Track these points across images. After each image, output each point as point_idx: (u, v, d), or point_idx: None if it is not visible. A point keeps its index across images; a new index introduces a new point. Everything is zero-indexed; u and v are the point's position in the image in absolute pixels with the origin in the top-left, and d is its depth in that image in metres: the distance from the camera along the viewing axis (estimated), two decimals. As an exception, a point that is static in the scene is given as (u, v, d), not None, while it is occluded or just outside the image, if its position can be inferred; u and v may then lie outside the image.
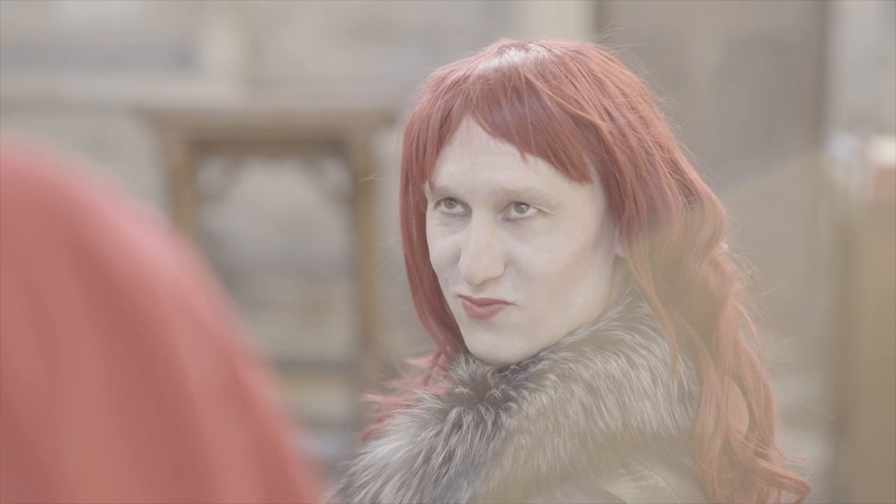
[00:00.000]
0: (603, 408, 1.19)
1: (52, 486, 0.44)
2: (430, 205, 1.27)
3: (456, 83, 1.25)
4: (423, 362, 1.39)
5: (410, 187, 1.30)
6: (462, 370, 1.26)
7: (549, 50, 1.26)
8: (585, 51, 1.27)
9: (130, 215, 0.49)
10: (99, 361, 0.46)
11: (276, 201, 5.55)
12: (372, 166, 4.29)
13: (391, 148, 1.32)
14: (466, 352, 1.29)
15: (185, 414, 0.46)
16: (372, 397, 1.39)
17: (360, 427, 1.40)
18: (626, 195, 1.23)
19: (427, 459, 1.21)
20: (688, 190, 1.27)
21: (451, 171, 1.23)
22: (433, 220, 1.27)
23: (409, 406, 1.29)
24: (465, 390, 1.24)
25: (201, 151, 4.42)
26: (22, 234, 0.46)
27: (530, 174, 1.21)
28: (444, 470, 1.20)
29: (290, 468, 0.49)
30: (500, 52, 1.26)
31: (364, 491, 1.24)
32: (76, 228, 0.47)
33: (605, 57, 1.28)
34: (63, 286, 0.46)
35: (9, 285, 0.45)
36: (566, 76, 1.23)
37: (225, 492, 0.47)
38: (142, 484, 0.45)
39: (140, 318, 0.47)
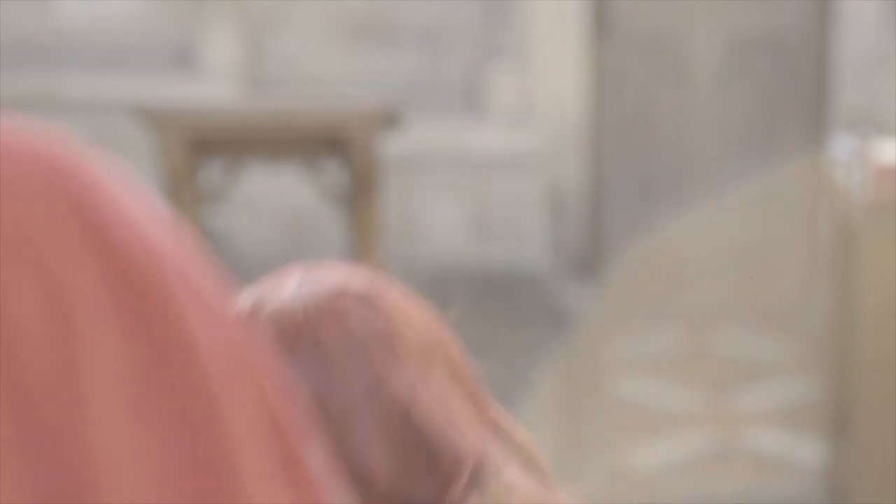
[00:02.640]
0: None
1: (76, 474, 0.44)
2: None
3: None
4: None
5: None
6: None
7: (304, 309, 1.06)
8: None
9: (132, 192, 0.49)
10: (117, 340, 0.45)
11: (276, 201, 5.55)
12: (372, 166, 4.29)
13: (391, 148, 1.31)
14: None
15: (202, 391, 0.46)
16: None
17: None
18: None
19: None
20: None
21: None
22: None
23: None
24: None
25: (201, 151, 4.42)
26: (30, 211, 0.45)
27: None
28: None
29: (300, 447, 0.49)
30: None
31: None
32: (84, 203, 0.46)
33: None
34: (75, 263, 0.45)
35: (20, 266, 0.45)
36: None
37: (245, 469, 0.47)
38: (166, 462, 0.45)
39: (153, 294, 0.46)
